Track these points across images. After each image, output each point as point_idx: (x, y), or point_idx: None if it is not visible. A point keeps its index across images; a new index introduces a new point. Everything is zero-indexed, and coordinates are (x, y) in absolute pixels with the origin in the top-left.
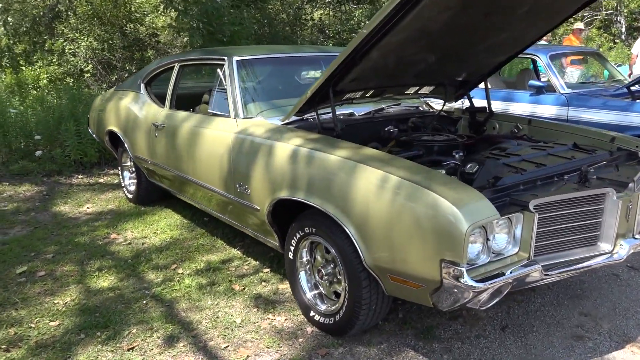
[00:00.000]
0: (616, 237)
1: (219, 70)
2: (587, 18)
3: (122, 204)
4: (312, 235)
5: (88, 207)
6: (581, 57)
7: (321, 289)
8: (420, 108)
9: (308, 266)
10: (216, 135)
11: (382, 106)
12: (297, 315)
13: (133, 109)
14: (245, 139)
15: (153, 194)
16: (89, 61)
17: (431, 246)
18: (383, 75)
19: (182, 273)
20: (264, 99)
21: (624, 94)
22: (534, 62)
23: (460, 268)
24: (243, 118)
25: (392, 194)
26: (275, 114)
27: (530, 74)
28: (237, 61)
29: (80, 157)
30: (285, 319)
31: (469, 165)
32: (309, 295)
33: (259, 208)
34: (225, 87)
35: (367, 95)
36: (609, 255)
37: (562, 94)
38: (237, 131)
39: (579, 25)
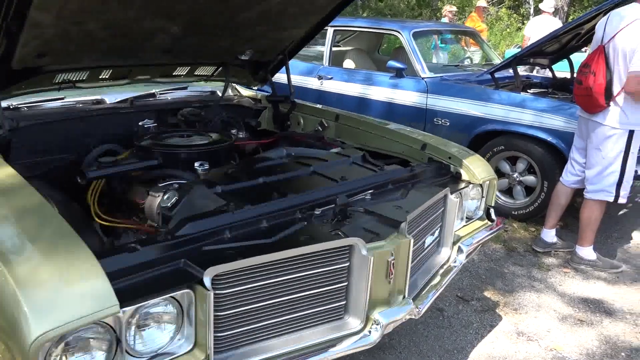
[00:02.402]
0: (369, 307)
1: None
2: None
3: None
4: None
5: None
6: (454, 35)
7: None
8: (220, 94)
9: None
10: None
11: (153, 91)
12: None
13: None
14: None
15: None
16: None
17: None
18: (103, 50)
19: None
20: None
21: (488, 81)
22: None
23: None
24: None
25: None
26: None
27: (402, 53)
28: None
29: None
30: None
31: (166, 196)
32: None
33: None
34: None
35: (105, 77)
36: (359, 335)
37: (422, 78)
38: None
39: (482, 3)
